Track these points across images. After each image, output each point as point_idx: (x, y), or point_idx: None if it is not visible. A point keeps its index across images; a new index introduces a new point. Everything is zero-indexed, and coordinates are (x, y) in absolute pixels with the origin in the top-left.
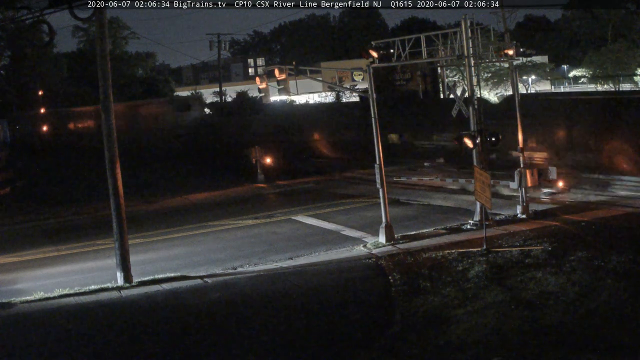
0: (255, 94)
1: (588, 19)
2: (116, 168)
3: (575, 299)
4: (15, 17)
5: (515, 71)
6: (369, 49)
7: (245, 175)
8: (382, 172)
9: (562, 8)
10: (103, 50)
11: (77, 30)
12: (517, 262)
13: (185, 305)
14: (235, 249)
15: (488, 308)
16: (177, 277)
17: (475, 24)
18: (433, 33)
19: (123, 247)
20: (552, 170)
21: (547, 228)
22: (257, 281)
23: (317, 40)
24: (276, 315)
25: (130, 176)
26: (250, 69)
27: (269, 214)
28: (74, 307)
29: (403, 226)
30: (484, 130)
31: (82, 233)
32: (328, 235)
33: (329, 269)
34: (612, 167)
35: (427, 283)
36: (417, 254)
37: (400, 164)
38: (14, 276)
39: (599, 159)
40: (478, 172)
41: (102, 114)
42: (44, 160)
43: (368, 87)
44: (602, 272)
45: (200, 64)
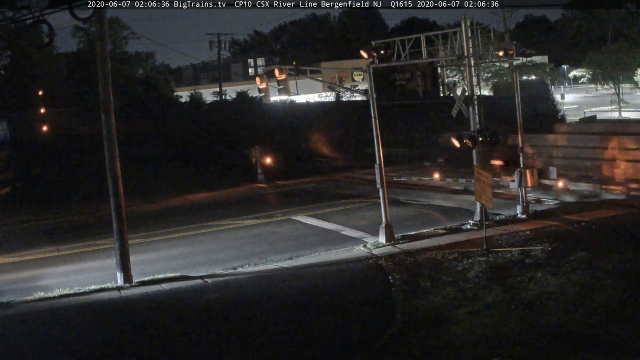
0: (255, 94)
1: (588, 19)
2: (116, 168)
3: (575, 299)
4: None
5: (515, 71)
6: (368, 48)
7: (245, 175)
8: (382, 172)
9: (562, 8)
10: (103, 50)
11: (77, 30)
12: (517, 262)
13: (185, 305)
14: (235, 249)
15: (488, 308)
16: (177, 277)
17: (475, 24)
18: (433, 33)
19: (123, 247)
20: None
21: (547, 228)
22: (257, 281)
23: (317, 40)
24: (276, 315)
25: (130, 176)
26: (250, 69)
27: (269, 214)
28: (74, 307)
29: (403, 226)
30: (483, 130)
31: (82, 233)
32: (328, 235)
33: (328, 269)
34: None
35: (427, 283)
36: (417, 254)
37: (400, 163)
38: (14, 276)
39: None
40: (478, 172)
41: (102, 114)
42: (44, 160)
43: (368, 87)
44: (602, 272)
45: (200, 64)
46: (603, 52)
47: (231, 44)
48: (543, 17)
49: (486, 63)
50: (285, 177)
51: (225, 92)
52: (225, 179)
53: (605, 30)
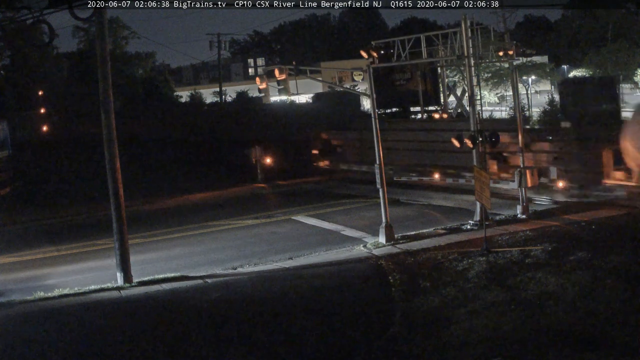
0: (255, 94)
1: (588, 19)
2: (116, 168)
3: (575, 299)
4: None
5: (515, 71)
6: (368, 48)
7: (245, 176)
8: (382, 172)
9: (562, 8)
10: (103, 50)
11: (77, 30)
12: (517, 262)
13: (185, 305)
14: (235, 249)
15: (488, 308)
16: (177, 277)
17: (475, 24)
18: (433, 33)
19: (123, 247)
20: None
21: (547, 228)
22: (257, 281)
23: (317, 40)
24: (276, 315)
25: (130, 176)
26: (250, 69)
27: (269, 214)
28: (74, 307)
29: (403, 226)
30: (483, 130)
31: (82, 233)
32: (328, 235)
33: (329, 269)
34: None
35: (427, 283)
36: (417, 254)
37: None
38: (14, 276)
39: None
40: (477, 172)
41: (102, 114)
42: (44, 160)
43: (368, 87)
44: (602, 272)
45: (200, 64)
46: (603, 52)
47: (231, 44)
48: (543, 17)
49: (486, 63)
50: (285, 177)
51: (225, 92)
52: (225, 179)
53: (605, 30)
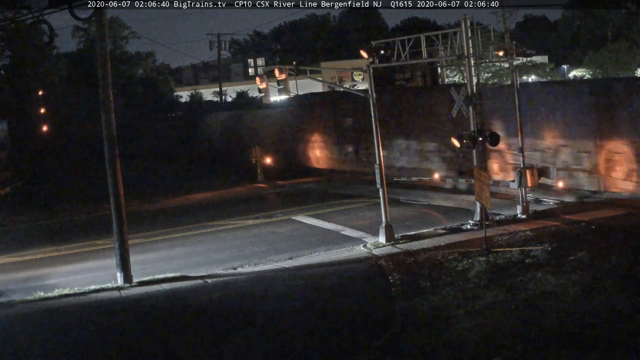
0: (255, 94)
1: (588, 19)
2: (116, 168)
3: (575, 299)
4: (15, 17)
5: (515, 71)
6: (367, 48)
7: (245, 175)
8: (382, 172)
9: (562, 8)
10: (103, 50)
11: (77, 30)
12: (517, 262)
13: (185, 305)
14: (235, 249)
15: (488, 308)
16: (177, 277)
17: (475, 24)
18: (433, 33)
19: (123, 247)
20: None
21: (547, 228)
22: (257, 281)
23: (317, 40)
24: (276, 315)
25: (130, 176)
26: (250, 69)
27: (269, 214)
28: (74, 307)
29: (403, 226)
30: (483, 130)
31: (82, 233)
32: (328, 235)
33: (329, 269)
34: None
35: (427, 283)
36: (417, 254)
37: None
38: (14, 276)
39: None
40: (477, 172)
41: (102, 114)
42: (44, 160)
43: (368, 87)
44: (602, 272)
45: (200, 64)
46: (603, 52)
47: (231, 44)
48: (543, 17)
49: (486, 63)
50: (285, 177)
51: (225, 92)
52: (225, 179)
53: (605, 30)
